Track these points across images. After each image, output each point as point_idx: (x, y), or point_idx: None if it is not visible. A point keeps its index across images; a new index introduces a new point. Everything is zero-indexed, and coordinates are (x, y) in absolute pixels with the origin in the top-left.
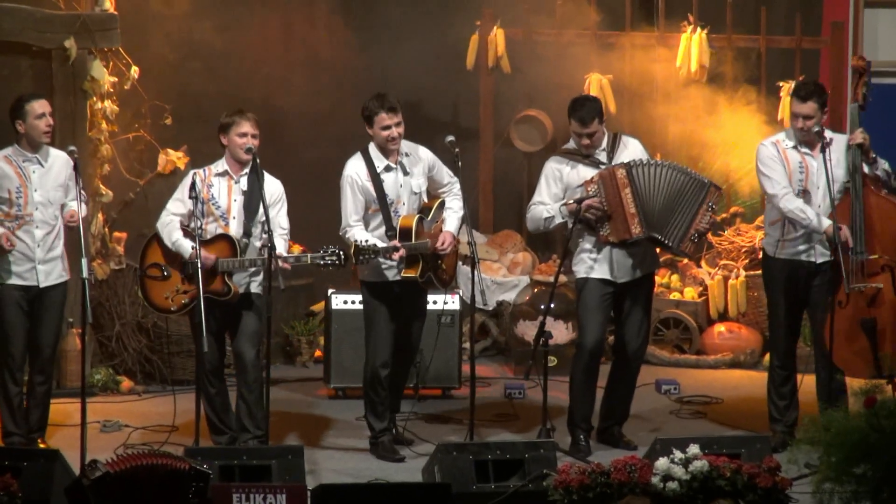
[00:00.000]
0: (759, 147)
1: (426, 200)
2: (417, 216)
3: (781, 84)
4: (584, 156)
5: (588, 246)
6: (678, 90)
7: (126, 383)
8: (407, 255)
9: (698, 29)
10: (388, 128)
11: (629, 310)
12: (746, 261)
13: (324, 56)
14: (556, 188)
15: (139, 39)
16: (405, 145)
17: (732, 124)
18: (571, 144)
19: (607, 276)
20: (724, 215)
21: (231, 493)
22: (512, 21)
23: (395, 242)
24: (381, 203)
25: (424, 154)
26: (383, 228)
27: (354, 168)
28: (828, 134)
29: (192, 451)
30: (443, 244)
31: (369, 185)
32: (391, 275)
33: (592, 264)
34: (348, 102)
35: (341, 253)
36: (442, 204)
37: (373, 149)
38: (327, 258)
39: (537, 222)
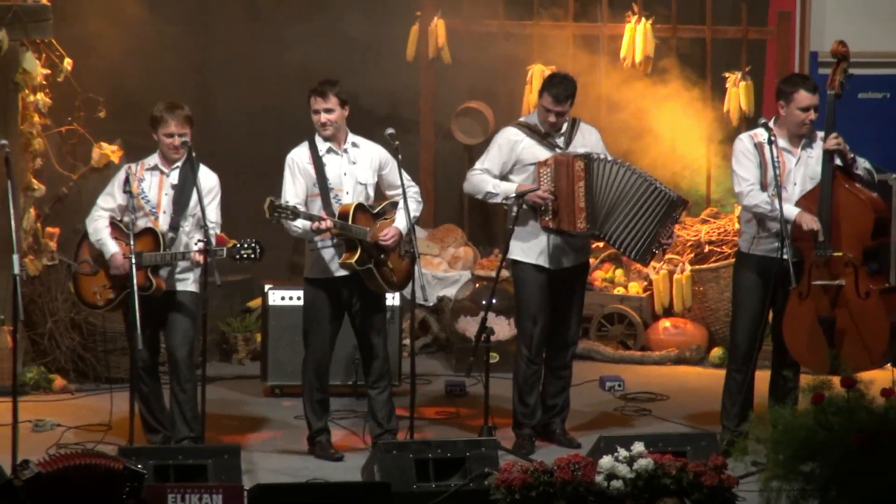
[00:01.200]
0: (736, 141)
1: (375, 198)
2: (359, 203)
3: (727, 75)
4: (541, 135)
5: (526, 229)
6: (622, 82)
7: (59, 382)
8: (343, 238)
9: (643, 19)
10: (316, 112)
11: (563, 298)
12: (692, 255)
13: (260, 48)
14: (506, 159)
15: (72, 31)
16: (356, 138)
17: (677, 116)
18: (531, 119)
19: (542, 263)
20: None
21: (166, 494)
22: (453, 11)
23: (324, 214)
24: (321, 186)
25: (377, 150)
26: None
27: (297, 152)
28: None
29: (126, 451)
30: (385, 236)
31: (310, 168)
32: (334, 268)
33: (528, 249)
34: (286, 96)
35: (257, 246)
36: (394, 204)
37: (318, 136)
38: (242, 251)
39: (477, 191)
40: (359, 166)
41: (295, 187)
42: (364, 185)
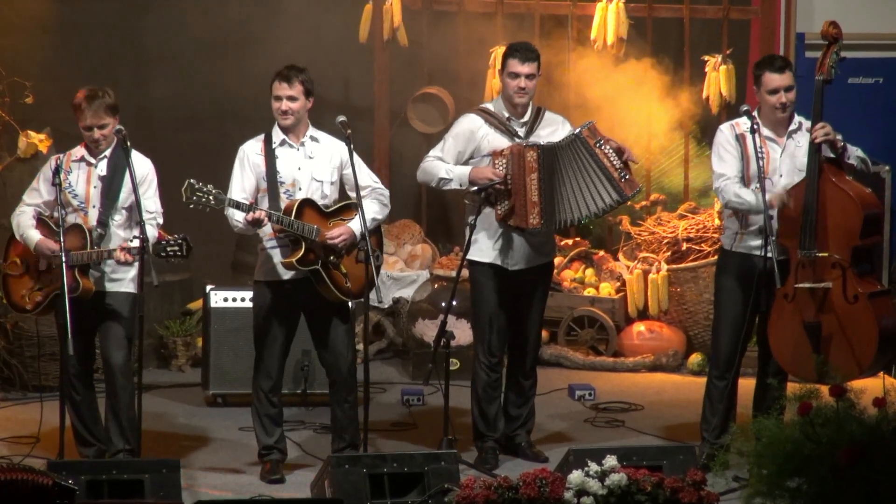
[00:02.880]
0: (717, 131)
1: (335, 197)
2: (307, 198)
3: (707, 58)
4: (501, 122)
5: (483, 226)
6: (593, 65)
7: None
8: (290, 237)
9: None
10: (278, 98)
11: (526, 300)
12: (668, 253)
13: (199, 30)
14: (462, 148)
15: None
16: (316, 132)
17: (653, 103)
18: (493, 105)
19: (499, 263)
20: (643, 203)
21: None
22: None
23: (255, 204)
24: (270, 181)
25: (339, 147)
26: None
27: (249, 144)
28: (796, 118)
29: (55, 465)
30: (333, 235)
31: (260, 161)
32: (281, 269)
33: (484, 247)
34: (227, 81)
35: (184, 242)
36: (350, 206)
37: (276, 127)
38: (169, 248)
39: (430, 178)
40: (316, 161)
41: (243, 181)
42: (321, 183)
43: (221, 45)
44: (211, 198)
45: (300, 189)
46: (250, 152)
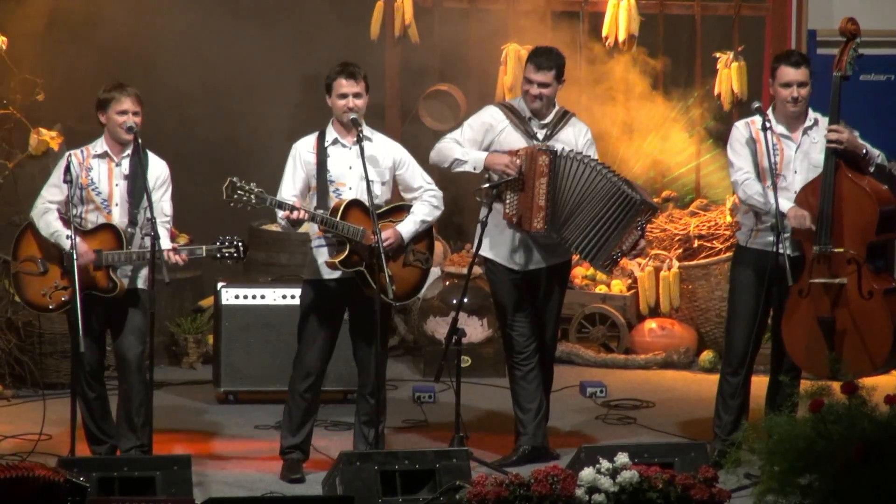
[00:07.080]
0: (732, 128)
1: (387, 198)
2: (355, 199)
3: (718, 55)
4: (522, 120)
5: (498, 225)
6: (604, 62)
7: None
8: (333, 237)
9: None
10: (344, 96)
11: (540, 299)
12: (680, 250)
13: (213, 26)
14: (478, 139)
15: (6, 7)
16: (370, 132)
17: (664, 99)
18: (517, 102)
19: (512, 265)
20: (655, 200)
21: None
22: None
23: (299, 203)
24: (320, 179)
25: (393, 147)
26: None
27: (302, 140)
28: (812, 115)
29: (67, 462)
30: (384, 240)
31: (311, 158)
32: (324, 269)
33: (498, 247)
34: (242, 78)
35: (240, 244)
36: (402, 207)
37: (330, 126)
38: (224, 250)
39: (443, 159)
40: (368, 162)
41: (294, 179)
42: (372, 183)
43: (235, 42)
44: (252, 196)
45: (349, 188)
46: (303, 150)
